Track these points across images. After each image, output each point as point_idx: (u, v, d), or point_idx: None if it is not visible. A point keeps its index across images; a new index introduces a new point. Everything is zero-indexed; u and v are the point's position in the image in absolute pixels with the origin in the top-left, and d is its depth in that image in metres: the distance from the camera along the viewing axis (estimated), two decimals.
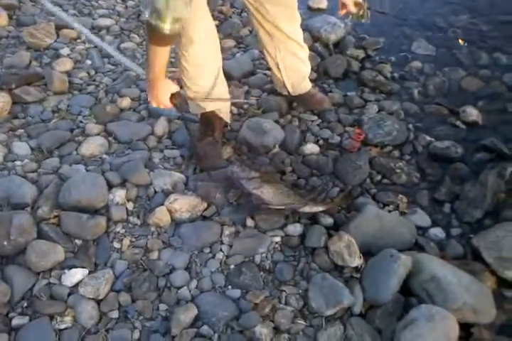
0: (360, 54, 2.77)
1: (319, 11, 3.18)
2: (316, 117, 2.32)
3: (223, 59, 2.02)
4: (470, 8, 3.11)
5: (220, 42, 2.48)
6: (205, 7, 1.77)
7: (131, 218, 1.82)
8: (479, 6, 3.13)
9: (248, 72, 2.63)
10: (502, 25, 2.93)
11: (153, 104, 1.77)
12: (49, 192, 1.83)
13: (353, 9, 1.98)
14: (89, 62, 2.68)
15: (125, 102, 2.37)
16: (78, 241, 1.73)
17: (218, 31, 1.97)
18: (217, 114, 2.02)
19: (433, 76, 2.58)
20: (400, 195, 1.90)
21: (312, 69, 2.37)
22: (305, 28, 2.67)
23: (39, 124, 2.23)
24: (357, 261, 1.62)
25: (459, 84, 2.53)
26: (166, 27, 1.41)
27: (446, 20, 3.02)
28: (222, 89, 2.03)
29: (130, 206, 1.85)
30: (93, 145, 2.10)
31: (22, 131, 2.20)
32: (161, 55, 1.57)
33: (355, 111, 2.39)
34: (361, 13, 2.00)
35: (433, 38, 2.87)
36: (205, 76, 1.90)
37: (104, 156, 2.08)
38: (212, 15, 1.90)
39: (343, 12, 2.03)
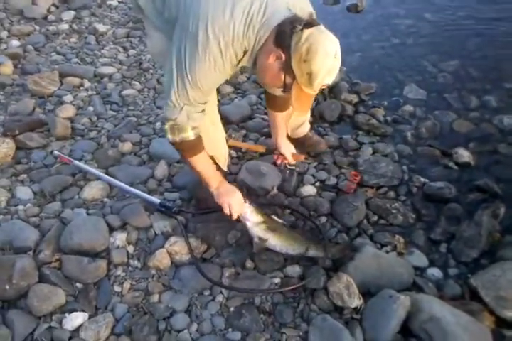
0: (354, 99, 2.92)
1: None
2: (312, 159, 2.43)
3: (222, 104, 2.15)
4: (459, 54, 3.30)
5: (219, 89, 2.62)
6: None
7: (131, 261, 1.87)
8: (467, 52, 3.33)
9: (246, 117, 2.75)
10: (490, 70, 3.11)
11: (227, 213, 1.80)
12: (51, 236, 1.90)
13: (291, 161, 2.18)
14: (91, 108, 2.82)
15: (126, 147, 2.48)
16: (79, 285, 1.77)
17: None
18: (216, 161, 2.12)
19: (425, 119, 2.72)
20: (397, 236, 1.97)
21: None
22: None
23: (42, 169, 2.33)
24: (356, 301, 1.66)
25: (450, 127, 2.66)
26: (190, 134, 1.63)
27: (436, 66, 3.21)
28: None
29: (131, 249, 1.91)
30: (94, 190, 2.18)
31: (25, 176, 2.30)
32: (203, 161, 1.75)
33: (350, 153, 2.50)
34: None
35: (424, 83, 3.04)
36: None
37: (106, 200, 2.16)
38: None
39: (278, 161, 2.22)
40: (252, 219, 1.81)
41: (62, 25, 3.77)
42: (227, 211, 1.79)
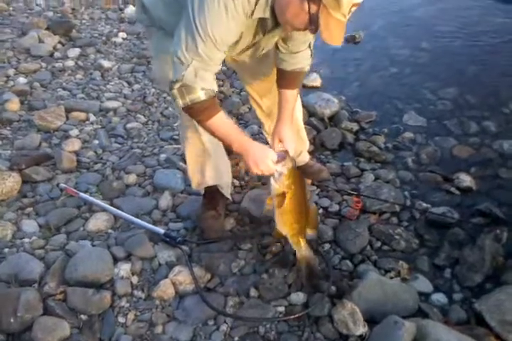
0: (354, 127, 3.00)
1: (314, 88, 3.47)
2: (315, 187, 2.47)
3: None
4: (457, 81, 3.41)
5: None
6: None
7: (135, 292, 1.90)
8: (465, 79, 3.44)
9: None
10: (488, 96, 3.20)
11: (256, 171, 1.64)
12: (56, 268, 1.93)
13: (290, 150, 1.84)
14: (96, 141, 2.91)
15: (131, 178, 2.55)
16: (83, 316, 1.79)
17: None
18: (220, 190, 2.17)
19: (425, 145, 2.79)
20: (401, 261, 1.99)
21: (309, 141, 2.55)
22: (301, 104, 2.93)
23: (47, 202, 2.39)
24: (361, 329, 1.67)
25: (450, 152, 2.72)
26: (200, 95, 1.50)
27: (435, 93, 3.30)
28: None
29: (135, 279, 1.94)
30: (99, 221, 2.24)
31: (31, 209, 2.35)
32: (223, 124, 1.60)
33: (352, 180, 2.55)
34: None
35: (423, 110, 3.13)
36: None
37: (110, 231, 2.21)
38: None
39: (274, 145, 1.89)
40: (279, 181, 1.64)
41: (68, 62, 3.92)
42: (254, 170, 1.63)
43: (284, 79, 1.90)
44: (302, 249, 1.78)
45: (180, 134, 2.13)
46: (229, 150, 1.91)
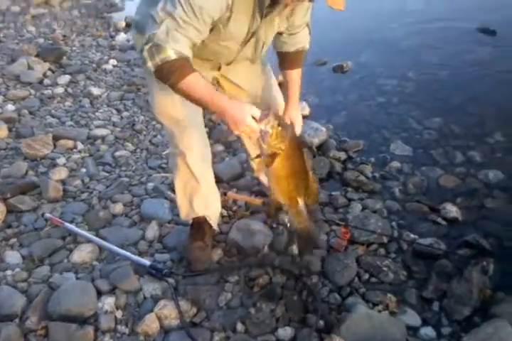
0: (342, 156, 3.03)
1: (302, 117, 3.50)
2: None
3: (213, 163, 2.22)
4: (442, 111, 3.47)
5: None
6: (200, 119, 1.98)
7: (119, 327, 1.86)
8: (450, 109, 3.51)
9: (237, 175, 2.84)
10: (472, 126, 3.27)
11: (237, 132, 1.53)
12: (38, 301, 1.90)
13: (298, 129, 1.87)
14: (84, 170, 2.90)
15: (118, 208, 2.53)
16: None
17: (208, 137, 2.16)
18: (208, 220, 2.17)
19: (412, 175, 2.82)
20: (389, 294, 1.98)
21: None
22: None
23: (32, 233, 2.36)
24: None
25: (437, 182, 2.76)
26: (170, 54, 1.42)
27: (421, 123, 3.37)
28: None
29: (119, 314, 1.91)
30: (84, 253, 2.21)
31: (15, 239, 2.32)
32: (196, 83, 1.49)
33: (340, 209, 2.56)
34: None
35: (410, 140, 3.18)
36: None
37: (95, 263, 2.18)
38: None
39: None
40: (266, 141, 1.50)
41: (58, 89, 3.95)
42: (236, 132, 1.53)
43: (288, 60, 1.93)
44: (302, 220, 1.68)
45: (169, 162, 2.14)
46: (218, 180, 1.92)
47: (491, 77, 3.92)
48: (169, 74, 1.46)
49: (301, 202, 1.67)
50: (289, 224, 1.75)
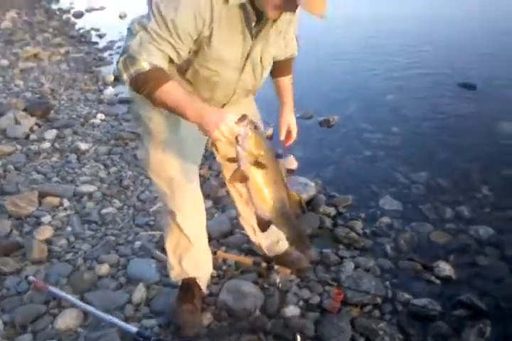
0: (332, 211, 3.05)
1: (290, 172, 3.56)
2: (294, 277, 2.45)
3: None
4: (428, 165, 3.56)
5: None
6: (194, 177, 1.98)
7: None
8: (436, 163, 3.61)
9: (226, 232, 2.83)
10: (460, 181, 3.35)
11: (215, 136, 1.44)
12: None
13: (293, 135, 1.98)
14: (69, 228, 2.87)
15: (103, 269, 2.48)
16: None
17: None
18: (197, 282, 2.14)
19: (402, 231, 2.84)
20: None
21: None
22: None
23: (14, 297, 2.29)
24: None
25: (428, 238, 2.78)
26: (144, 65, 1.43)
27: (408, 177, 3.44)
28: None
29: None
30: (68, 319, 2.13)
31: None
32: (173, 91, 1.47)
33: (332, 268, 2.54)
34: None
35: (398, 194, 3.23)
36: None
37: (80, 330, 2.11)
38: None
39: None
40: (245, 145, 1.43)
41: (44, 144, 3.97)
42: (215, 135, 1.43)
43: (279, 68, 1.94)
44: (293, 230, 1.63)
45: (161, 221, 2.14)
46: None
47: (474, 131, 4.07)
48: (144, 85, 1.45)
49: (286, 213, 1.59)
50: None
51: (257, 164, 1.45)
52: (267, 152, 1.47)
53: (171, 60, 1.54)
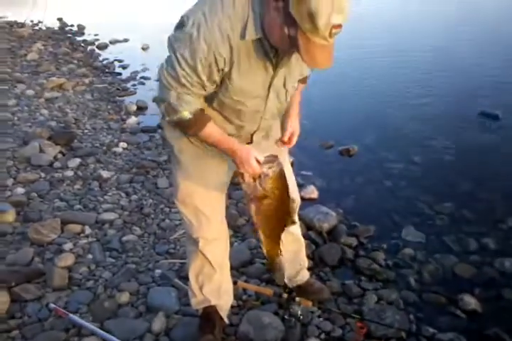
0: (353, 242, 3.05)
1: (311, 200, 3.58)
2: (316, 308, 2.44)
3: None
4: (452, 196, 3.55)
5: None
6: (221, 208, 2.05)
7: None
8: (459, 194, 3.59)
9: (246, 262, 2.83)
10: (484, 212, 3.32)
11: (242, 170, 1.67)
12: None
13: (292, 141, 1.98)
14: (90, 256, 2.91)
15: (124, 297, 2.51)
16: None
17: None
18: (218, 311, 2.15)
19: (426, 263, 2.82)
20: None
21: (308, 256, 2.58)
22: (299, 217, 3.01)
23: (35, 324, 2.32)
24: None
25: (452, 271, 2.75)
26: (185, 114, 1.59)
27: (431, 208, 3.42)
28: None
29: None
30: None
31: (17, 331, 2.28)
32: (211, 132, 1.66)
33: (354, 300, 2.52)
34: None
35: (421, 225, 3.21)
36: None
37: None
38: None
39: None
40: (262, 183, 1.65)
41: (68, 172, 4.06)
42: (241, 170, 1.67)
43: None
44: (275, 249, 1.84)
45: (186, 249, 2.19)
46: None
47: (497, 162, 4.05)
48: (187, 129, 1.68)
49: (279, 238, 1.83)
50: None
51: (264, 198, 1.67)
52: (280, 192, 1.69)
53: None
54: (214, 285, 2.11)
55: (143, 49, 9.87)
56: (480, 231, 3.10)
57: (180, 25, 1.51)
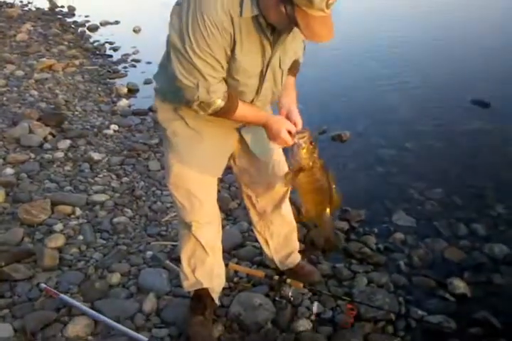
0: (345, 226, 3.05)
1: None
2: (306, 290, 2.44)
3: None
4: (442, 182, 3.56)
5: None
6: (213, 191, 2.03)
7: None
8: (450, 180, 3.61)
9: (237, 245, 2.83)
10: (474, 198, 3.35)
11: (278, 145, 1.80)
12: None
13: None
14: (81, 237, 2.89)
15: (115, 278, 2.50)
16: None
17: None
18: (210, 293, 2.14)
19: (416, 247, 2.83)
20: None
21: (299, 240, 2.57)
22: (290, 201, 3.00)
23: (25, 303, 2.31)
24: None
25: (442, 255, 2.76)
26: (219, 103, 1.61)
27: (422, 193, 3.44)
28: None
29: None
30: (78, 327, 2.14)
31: (7, 311, 2.26)
32: (245, 112, 1.71)
33: (345, 283, 2.53)
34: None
35: (412, 210, 3.23)
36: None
37: (90, 338, 2.12)
38: None
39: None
40: (297, 154, 1.69)
41: (58, 154, 4.01)
42: (275, 142, 1.75)
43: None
44: (327, 228, 1.98)
45: (178, 232, 2.18)
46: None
47: (488, 149, 4.07)
48: (222, 115, 1.68)
49: (325, 214, 1.90)
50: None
51: (303, 171, 1.71)
52: (315, 162, 1.72)
53: None
54: (206, 268, 2.10)
55: (134, 31, 9.71)
56: (470, 216, 3.11)
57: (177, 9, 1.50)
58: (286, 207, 2.35)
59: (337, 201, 1.90)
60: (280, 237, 2.37)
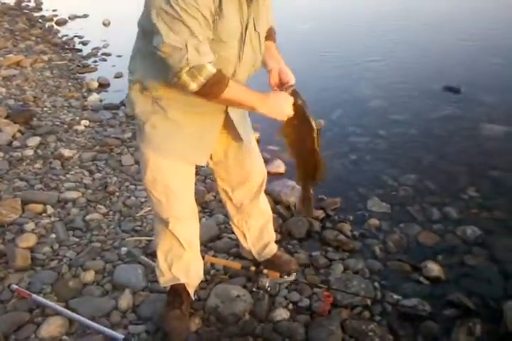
0: (320, 214, 3.05)
1: (278, 175, 3.57)
2: (283, 279, 2.44)
3: None
4: (415, 168, 3.60)
5: None
6: (191, 185, 1.99)
7: None
8: (422, 166, 3.64)
9: (214, 237, 2.81)
10: (446, 183, 3.38)
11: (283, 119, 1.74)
12: None
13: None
14: (53, 235, 2.82)
15: (89, 276, 2.45)
16: None
17: None
18: (186, 288, 2.12)
19: (391, 232, 2.85)
20: None
21: (275, 230, 2.56)
22: (266, 192, 2.99)
23: None
24: None
25: (416, 239, 2.79)
26: (210, 69, 1.50)
27: (395, 180, 3.46)
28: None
29: None
30: (53, 326, 2.10)
31: None
32: (237, 91, 1.60)
33: (321, 271, 2.54)
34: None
35: (386, 196, 3.25)
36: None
37: (65, 337, 2.08)
38: None
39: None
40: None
41: (27, 151, 3.91)
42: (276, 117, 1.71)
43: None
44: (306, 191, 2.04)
45: (154, 227, 2.14)
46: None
47: (459, 134, 4.11)
48: (214, 89, 1.54)
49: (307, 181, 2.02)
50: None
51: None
52: (299, 113, 1.77)
53: None
54: (183, 264, 2.07)
55: (104, 24, 9.52)
56: (442, 201, 3.15)
57: None
58: (263, 199, 2.33)
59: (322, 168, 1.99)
60: (257, 229, 2.35)
